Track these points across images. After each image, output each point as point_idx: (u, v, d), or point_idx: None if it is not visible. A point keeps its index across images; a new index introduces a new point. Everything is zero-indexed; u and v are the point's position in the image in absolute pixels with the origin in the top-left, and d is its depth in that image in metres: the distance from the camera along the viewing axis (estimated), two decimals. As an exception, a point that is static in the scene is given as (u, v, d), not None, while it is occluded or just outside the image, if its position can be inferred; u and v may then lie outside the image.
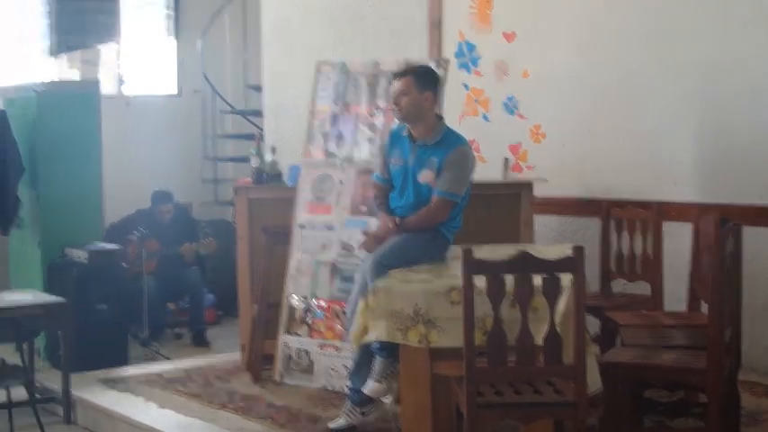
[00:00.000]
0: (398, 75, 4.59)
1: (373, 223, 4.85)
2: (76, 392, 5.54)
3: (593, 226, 5.82)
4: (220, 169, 9.25)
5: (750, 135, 5.41)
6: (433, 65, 5.19)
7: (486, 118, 6.59)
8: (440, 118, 4.62)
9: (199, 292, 7.62)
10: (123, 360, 6.47)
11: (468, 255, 3.49)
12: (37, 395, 5.54)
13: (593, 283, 5.17)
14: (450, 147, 4.47)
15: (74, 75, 9.08)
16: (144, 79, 9.54)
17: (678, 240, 5.56)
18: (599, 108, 6.07)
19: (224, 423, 4.86)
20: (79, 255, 6.60)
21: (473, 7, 6.62)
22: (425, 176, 4.48)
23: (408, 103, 4.49)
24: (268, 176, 5.89)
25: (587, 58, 6.11)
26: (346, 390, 4.74)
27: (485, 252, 4.11)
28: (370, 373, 4.38)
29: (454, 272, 4.08)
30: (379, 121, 5.37)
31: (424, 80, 4.52)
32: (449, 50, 6.72)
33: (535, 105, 6.35)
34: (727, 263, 3.90)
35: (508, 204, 5.61)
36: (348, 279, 5.16)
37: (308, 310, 5.35)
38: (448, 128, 4.59)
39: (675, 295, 5.27)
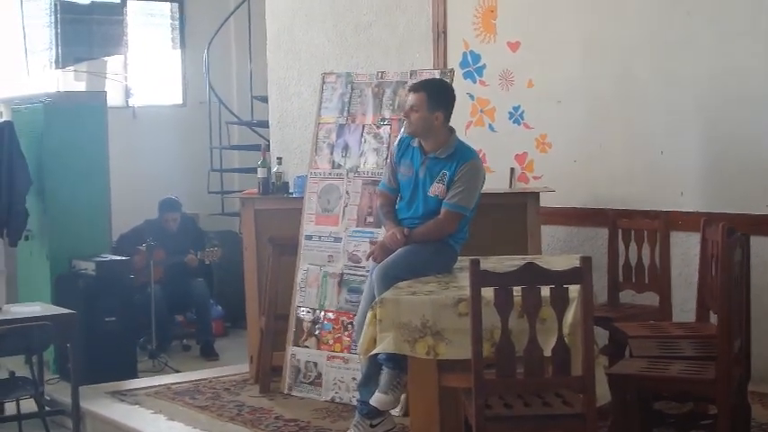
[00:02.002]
0: (413, 89, 4.57)
1: (382, 234, 4.85)
2: (86, 405, 5.53)
3: (600, 236, 5.81)
4: (227, 180, 9.27)
5: (756, 144, 5.39)
6: (437, 75, 5.19)
7: (491, 128, 6.58)
8: (451, 131, 4.59)
9: (205, 304, 7.63)
10: (132, 372, 6.48)
11: (475, 266, 3.48)
12: (46, 408, 5.54)
13: (600, 293, 5.16)
14: (462, 160, 4.45)
15: (80, 86, 9.10)
16: (150, 90, 9.57)
17: (686, 250, 5.55)
18: (605, 118, 6.06)
19: (232, 436, 4.88)
20: (87, 266, 6.62)
21: (477, 17, 6.63)
22: (436, 190, 4.47)
23: (418, 119, 4.47)
24: (274, 187, 5.90)
25: (591, 68, 6.09)
26: (355, 402, 4.75)
27: (492, 263, 4.14)
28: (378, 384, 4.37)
29: (462, 283, 4.09)
30: (384, 131, 5.38)
31: (437, 99, 4.48)
32: (453, 60, 6.71)
33: (541, 115, 6.34)
34: (735, 272, 3.89)
35: (515, 215, 5.61)
36: (355, 290, 5.17)
37: (316, 321, 5.35)
38: (459, 141, 4.57)
39: (684, 305, 5.26)
